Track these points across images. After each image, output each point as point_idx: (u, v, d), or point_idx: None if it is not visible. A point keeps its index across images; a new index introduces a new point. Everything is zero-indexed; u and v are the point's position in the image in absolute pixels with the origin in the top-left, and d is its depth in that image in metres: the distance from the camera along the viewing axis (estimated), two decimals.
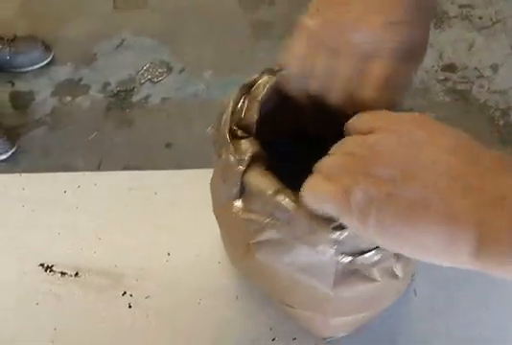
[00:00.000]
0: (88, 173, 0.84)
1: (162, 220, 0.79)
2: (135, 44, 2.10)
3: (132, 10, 2.20)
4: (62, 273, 0.75)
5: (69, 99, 1.98)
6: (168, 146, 1.85)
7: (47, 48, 2.04)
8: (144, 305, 0.73)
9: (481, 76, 1.96)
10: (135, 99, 1.98)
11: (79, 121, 1.93)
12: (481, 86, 1.94)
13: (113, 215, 0.79)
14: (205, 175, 0.80)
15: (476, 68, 1.97)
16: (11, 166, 1.82)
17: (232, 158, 0.52)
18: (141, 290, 0.74)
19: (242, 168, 0.51)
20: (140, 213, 0.80)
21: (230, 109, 0.56)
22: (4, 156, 1.84)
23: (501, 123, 1.86)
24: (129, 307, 0.73)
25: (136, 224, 0.79)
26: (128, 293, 0.74)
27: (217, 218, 0.65)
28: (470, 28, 2.01)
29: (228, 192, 0.56)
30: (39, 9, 2.20)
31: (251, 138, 0.53)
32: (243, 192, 0.54)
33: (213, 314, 0.72)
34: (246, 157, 0.51)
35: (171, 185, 0.82)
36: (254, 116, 0.55)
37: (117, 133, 1.91)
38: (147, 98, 1.99)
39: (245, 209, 0.54)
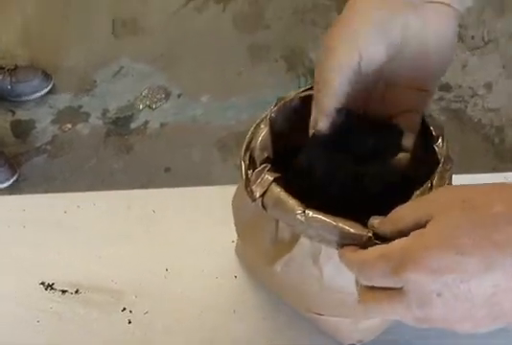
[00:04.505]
0: (87, 193, 0.85)
1: (160, 238, 0.80)
2: (133, 71, 2.13)
3: (130, 36, 2.23)
4: (63, 291, 0.77)
5: (69, 126, 2.00)
6: (167, 170, 1.87)
7: (47, 76, 2.07)
8: (143, 320, 0.74)
9: (475, 95, 1.98)
10: (134, 125, 2.01)
11: (79, 148, 1.95)
12: (476, 105, 1.97)
13: (112, 233, 0.81)
14: (201, 194, 0.82)
15: (470, 87, 1.99)
16: (12, 193, 1.83)
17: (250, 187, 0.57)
18: (140, 306, 0.75)
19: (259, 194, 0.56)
20: (138, 230, 0.81)
21: (248, 137, 0.62)
22: (6, 184, 1.86)
23: (496, 140, 1.88)
24: (129, 322, 0.74)
25: (134, 242, 0.80)
26: (127, 309, 0.75)
27: (239, 234, 0.68)
28: (463, 48, 2.04)
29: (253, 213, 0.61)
30: (38, 38, 2.24)
31: (267, 165, 0.58)
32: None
33: (212, 329, 0.73)
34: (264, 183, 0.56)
35: (168, 203, 0.84)
36: (268, 142, 0.60)
37: (117, 159, 1.93)
38: (146, 123, 2.01)
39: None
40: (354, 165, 0.58)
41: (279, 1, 2.30)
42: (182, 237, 0.80)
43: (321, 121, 0.55)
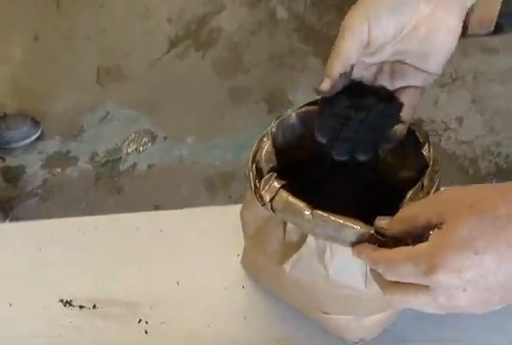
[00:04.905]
0: (102, 217, 0.91)
1: (169, 254, 0.86)
2: (119, 115, 2.21)
3: (114, 83, 2.32)
4: (81, 306, 0.81)
5: (59, 170, 2.06)
6: (156, 207, 1.92)
7: (36, 123, 2.14)
8: (159, 330, 0.79)
9: (448, 128, 2.09)
10: (123, 167, 2.07)
11: (69, 191, 2.01)
12: (449, 138, 2.07)
13: (124, 252, 0.86)
14: (205, 213, 0.88)
15: (442, 121, 2.10)
16: None
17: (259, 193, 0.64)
18: (155, 317, 0.80)
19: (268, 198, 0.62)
20: (148, 248, 0.87)
21: (253, 150, 0.67)
22: None
23: (471, 171, 1.98)
24: (146, 332, 0.79)
25: (146, 258, 0.86)
26: (143, 320, 0.80)
27: (247, 242, 0.75)
28: (433, 85, 2.13)
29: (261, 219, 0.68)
30: (26, 87, 2.31)
31: (273, 174, 0.64)
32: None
33: (224, 335, 0.78)
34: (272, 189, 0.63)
35: (174, 223, 0.90)
36: (272, 154, 0.67)
37: (107, 200, 1.98)
38: (134, 165, 2.07)
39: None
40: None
41: (257, 46, 2.42)
42: (190, 253, 0.86)
43: (325, 82, 0.61)
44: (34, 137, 2.14)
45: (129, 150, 2.12)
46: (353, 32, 0.59)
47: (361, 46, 0.60)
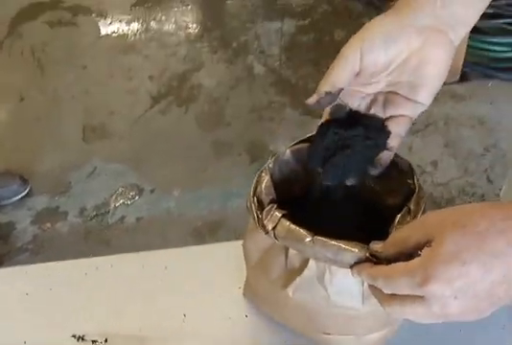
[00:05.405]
0: (103, 257, 0.96)
1: (174, 289, 0.91)
2: (106, 171, 2.27)
3: (100, 140, 2.39)
4: (93, 341, 0.86)
5: (49, 225, 2.10)
6: None
7: (24, 181, 2.19)
8: None
9: (424, 172, 2.18)
10: (111, 220, 2.12)
11: (60, 245, 2.04)
12: (425, 181, 2.15)
13: (131, 288, 0.91)
14: (206, 250, 0.94)
15: (418, 165, 2.19)
16: None
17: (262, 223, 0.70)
18: None
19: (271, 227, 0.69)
20: (154, 285, 0.92)
21: (253, 185, 0.73)
22: None
23: None
24: None
25: (152, 294, 0.91)
26: None
27: (250, 271, 0.81)
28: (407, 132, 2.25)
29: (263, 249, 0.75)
30: (13, 146, 2.37)
31: (273, 205, 0.70)
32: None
33: None
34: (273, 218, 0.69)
35: (178, 260, 0.95)
36: (271, 188, 0.73)
37: (97, 253, 2.00)
38: (122, 219, 2.12)
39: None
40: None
41: (236, 101, 2.52)
42: (194, 287, 0.91)
43: (312, 97, 0.65)
44: (22, 194, 2.18)
45: (117, 204, 2.17)
46: (345, 58, 0.64)
47: (353, 72, 0.65)
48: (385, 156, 0.70)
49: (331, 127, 0.68)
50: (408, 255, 0.58)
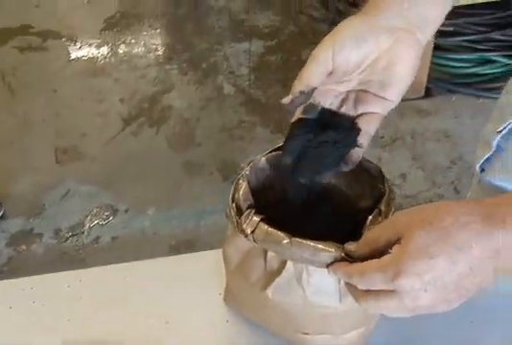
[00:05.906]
0: (86, 270, 0.99)
1: (156, 298, 0.94)
2: (80, 192, 2.28)
3: (73, 162, 2.40)
4: None
5: (24, 247, 2.10)
6: None
7: None
8: None
9: (393, 184, 2.23)
10: (86, 241, 2.13)
11: (35, 267, 2.04)
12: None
13: (114, 298, 0.94)
14: (186, 260, 0.97)
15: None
16: None
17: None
18: None
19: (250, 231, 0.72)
20: (136, 295, 0.94)
21: (232, 191, 0.77)
22: None
23: None
24: None
25: (135, 303, 0.93)
26: None
27: (229, 276, 0.84)
28: (375, 146, 2.30)
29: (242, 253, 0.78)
30: None
31: (251, 210, 0.74)
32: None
33: None
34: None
35: (159, 270, 0.98)
36: (248, 194, 0.76)
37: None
38: (97, 239, 2.14)
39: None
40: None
41: (207, 121, 2.56)
42: (175, 295, 0.93)
43: (286, 97, 0.68)
44: None
45: (92, 225, 2.18)
46: (317, 59, 0.67)
47: (325, 72, 0.68)
48: (356, 153, 0.74)
49: (303, 127, 0.72)
50: (381, 253, 0.61)
